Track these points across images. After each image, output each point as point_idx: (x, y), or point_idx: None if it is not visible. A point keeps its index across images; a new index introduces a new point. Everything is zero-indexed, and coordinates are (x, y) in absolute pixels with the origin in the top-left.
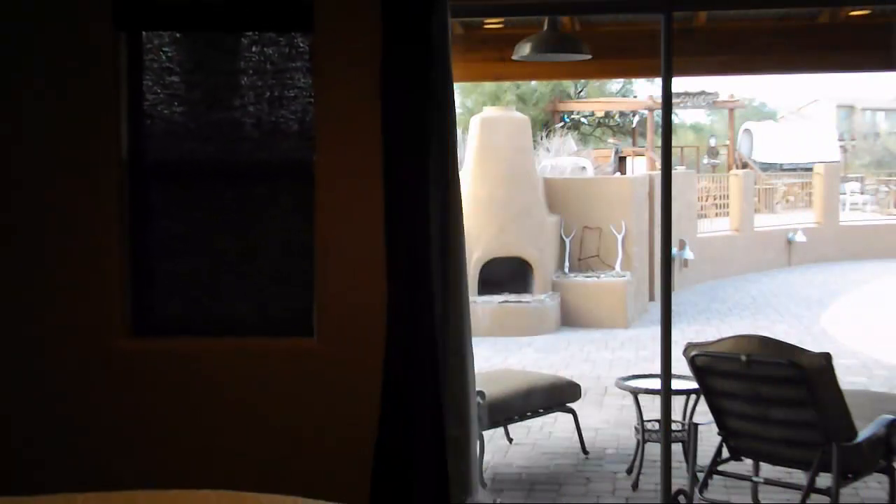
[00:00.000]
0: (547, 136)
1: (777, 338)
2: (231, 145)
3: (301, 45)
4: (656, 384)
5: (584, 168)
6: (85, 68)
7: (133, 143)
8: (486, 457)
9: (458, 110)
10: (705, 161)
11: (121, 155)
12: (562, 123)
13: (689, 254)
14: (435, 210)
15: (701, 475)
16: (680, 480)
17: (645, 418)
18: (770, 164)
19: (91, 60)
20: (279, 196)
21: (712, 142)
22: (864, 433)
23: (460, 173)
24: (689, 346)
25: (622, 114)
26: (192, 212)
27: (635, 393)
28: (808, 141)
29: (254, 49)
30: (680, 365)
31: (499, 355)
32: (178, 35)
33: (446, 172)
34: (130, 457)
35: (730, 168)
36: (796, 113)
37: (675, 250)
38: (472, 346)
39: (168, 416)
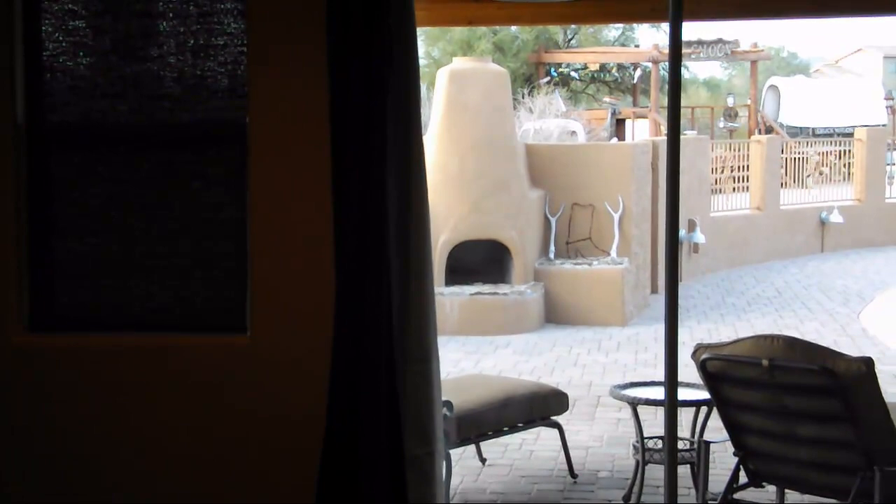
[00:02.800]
0: (530, 93)
1: (806, 338)
2: (147, 104)
3: None
4: (659, 393)
5: (574, 133)
6: None
7: (30, 103)
8: (454, 480)
9: (421, 62)
10: (721, 125)
11: (15, 117)
12: (548, 78)
13: (699, 237)
14: (393, 183)
15: None
16: None
17: (645, 435)
18: (800, 128)
19: None
20: (206, 166)
21: (730, 101)
22: None
23: (423, 138)
24: (700, 348)
25: (621, 67)
26: (101, 184)
27: (634, 404)
28: (848, 100)
29: None
30: (688, 371)
31: (470, 358)
32: None
33: (406, 138)
34: (25, 468)
35: (751, 133)
36: (833, 66)
37: (682, 232)
38: (437, 346)
39: (70, 425)
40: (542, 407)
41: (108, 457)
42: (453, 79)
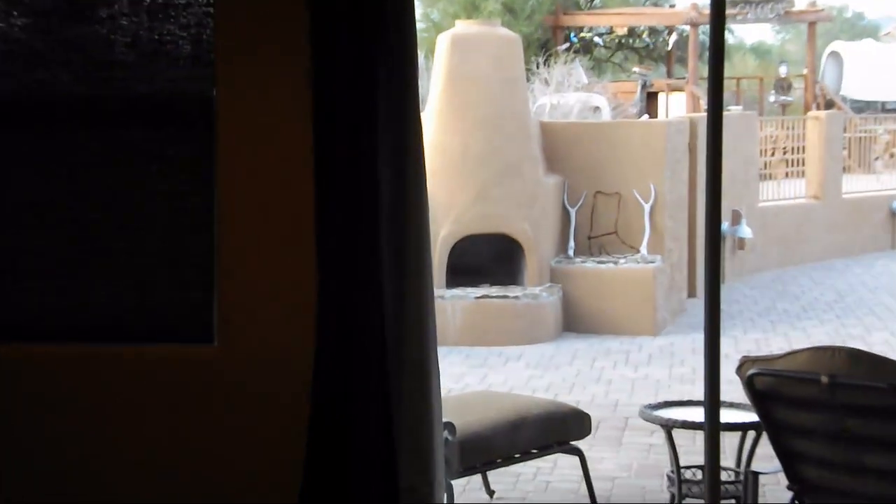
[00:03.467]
0: (546, 62)
1: (874, 351)
2: (95, 73)
3: None
4: (698, 415)
5: (597, 109)
6: None
7: None
8: None
9: (418, 25)
10: (772, 98)
11: None
12: (567, 45)
13: (746, 231)
14: (385, 168)
15: None
16: None
17: (682, 464)
18: (867, 102)
19: None
20: (165, 146)
21: (783, 70)
22: None
23: (422, 115)
24: (747, 362)
25: (653, 31)
26: (42, 168)
27: (668, 427)
28: None
29: None
30: (732, 388)
31: (475, 372)
32: None
33: (402, 115)
34: None
35: (807, 108)
36: None
37: (725, 225)
38: (437, 359)
39: (5, 451)
40: (559, 430)
41: (48, 487)
42: (456, 45)
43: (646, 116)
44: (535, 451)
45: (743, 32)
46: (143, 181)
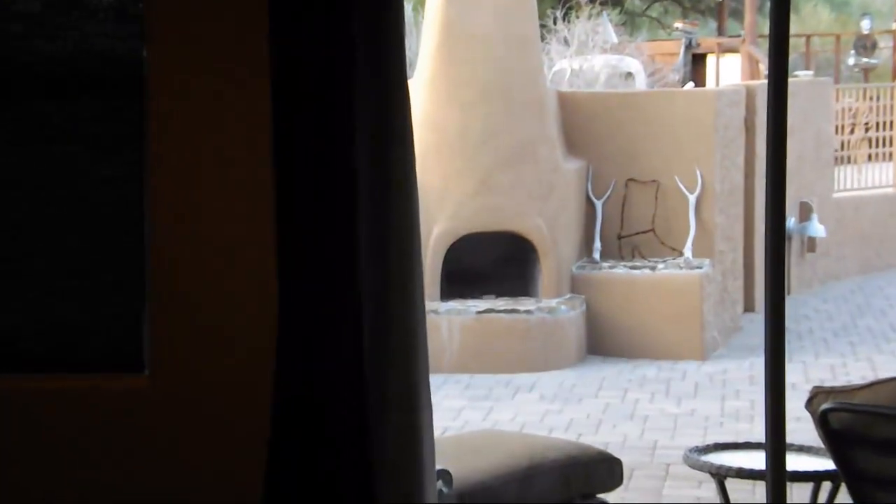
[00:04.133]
0: (565, 18)
1: None
2: None
3: None
4: (759, 461)
5: (630, 75)
6: None
7: None
8: None
9: None
10: (852, 61)
11: None
12: None
13: (818, 228)
14: (363, 151)
15: None
16: None
17: None
18: None
19: None
20: (83, 123)
21: (865, 26)
22: None
23: (409, 84)
24: (819, 394)
25: None
26: None
27: (721, 476)
28: None
29: None
30: (802, 427)
31: (477, 406)
32: None
33: (384, 85)
34: None
35: None
36: None
37: (791, 222)
38: (429, 390)
39: None
40: (583, 479)
41: None
42: None
43: (691, 84)
44: None
45: None
46: (54, 167)
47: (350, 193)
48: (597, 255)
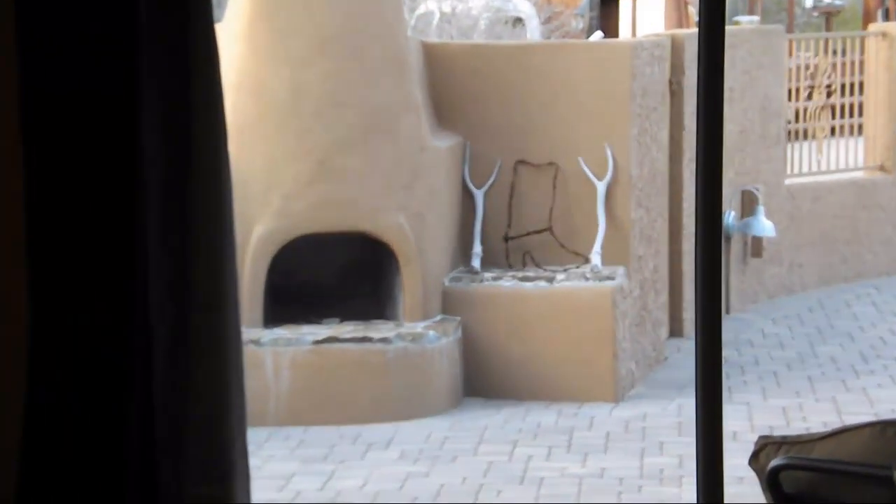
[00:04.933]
0: None
1: None
2: None
3: None
4: None
5: (519, 21)
6: None
7: None
8: None
9: None
10: (810, 3)
11: None
12: None
13: (765, 226)
14: (154, 124)
15: None
16: None
17: None
18: None
19: None
20: None
21: None
22: None
23: (218, 32)
24: (767, 446)
25: None
26: None
27: None
28: None
29: None
30: (746, 489)
31: (312, 471)
32: None
33: (180, 34)
34: None
35: (868, 19)
36: None
37: (731, 217)
38: (246, 452)
39: None
40: None
41: None
42: None
43: (599, 34)
44: None
45: None
46: None
47: (132, 183)
48: (476, 263)
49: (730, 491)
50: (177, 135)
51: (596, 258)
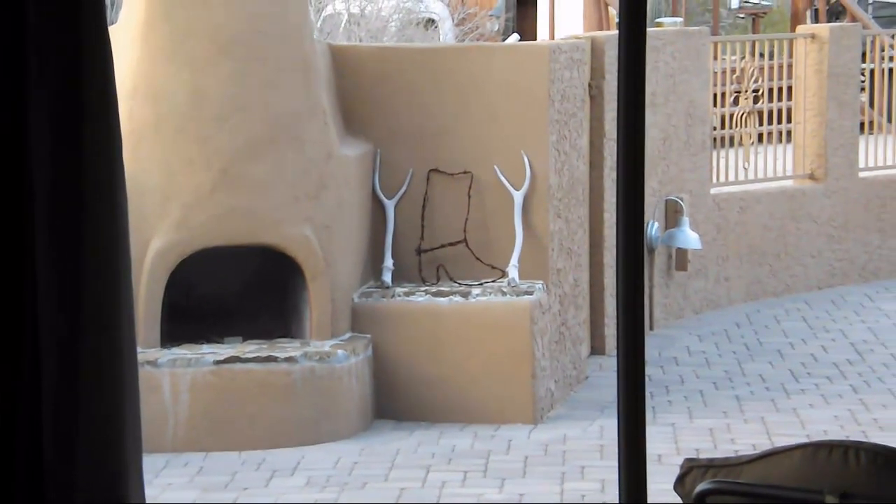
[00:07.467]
0: None
1: None
2: None
3: None
4: None
5: (431, 22)
6: None
7: None
8: None
9: None
10: (736, 3)
11: None
12: None
13: (690, 237)
14: (42, 131)
15: None
16: None
17: None
18: None
19: None
20: None
21: None
22: None
23: (112, 33)
24: (693, 469)
25: None
26: None
27: None
28: None
29: None
30: None
31: (215, 498)
32: None
33: (70, 34)
34: None
35: (797, 20)
36: None
37: (654, 228)
38: (141, 480)
39: None
40: None
41: None
42: None
43: (515, 37)
44: None
45: None
46: None
47: (19, 192)
48: (388, 278)
49: None
50: (67, 140)
51: (513, 272)
